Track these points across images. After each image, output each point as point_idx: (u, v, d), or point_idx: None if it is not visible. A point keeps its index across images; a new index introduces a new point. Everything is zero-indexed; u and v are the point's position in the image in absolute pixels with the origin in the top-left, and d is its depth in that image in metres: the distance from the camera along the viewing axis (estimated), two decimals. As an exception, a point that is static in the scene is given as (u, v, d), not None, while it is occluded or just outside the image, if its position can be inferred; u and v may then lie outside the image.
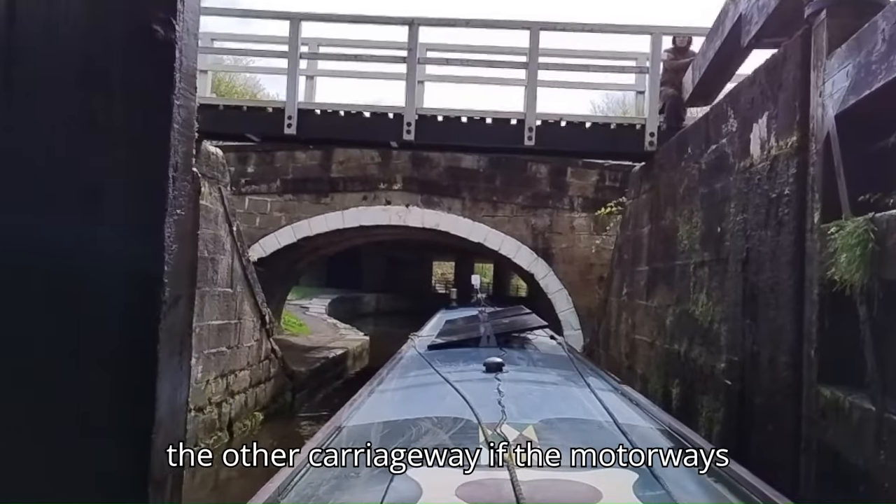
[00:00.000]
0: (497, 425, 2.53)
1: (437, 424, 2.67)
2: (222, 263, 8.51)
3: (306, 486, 2.20)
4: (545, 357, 4.72)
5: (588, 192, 13.81)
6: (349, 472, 2.22)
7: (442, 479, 2.06)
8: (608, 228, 12.67)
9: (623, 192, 13.29)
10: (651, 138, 7.09)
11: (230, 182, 14.32)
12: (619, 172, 13.80)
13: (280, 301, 17.63)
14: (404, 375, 4.07)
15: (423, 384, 3.65)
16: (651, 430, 2.89)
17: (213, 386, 8.39)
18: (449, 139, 7.44)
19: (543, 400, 3.22)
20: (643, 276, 7.38)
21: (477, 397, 2.94)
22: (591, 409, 3.06)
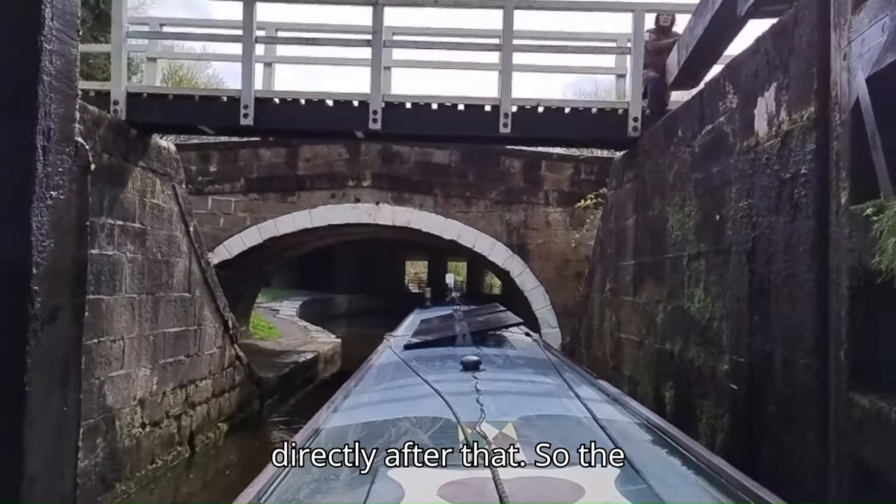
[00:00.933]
0: (476, 424, 2.47)
1: (416, 424, 2.62)
2: (178, 266, 7.79)
3: (287, 489, 2.12)
4: (522, 354, 4.62)
5: (563, 185, 13.32)
6: (330, 474, 2.18)
7: (423, 479, 2.01)
8: (586, 223, 12.19)
9: (599, 185, 12.83)
10: (634, 123, 6.57)
11: (190, 181, 13.58)
12: (595, 165, 13.36)
13: (248, 304, 16.85)
14: (381, 376, 3.95)
15: (401, 384, 3.58)
16: (630, 424, 2.82)
17: (170, 398, 7.67)
18: (419, 128, 6.82)
19: (522, 397, 3.16)
20: (629, 270, 6.86)
21: (455, 396, 2.88)
22: (569, 406, 2.99)
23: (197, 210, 13.44)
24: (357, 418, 2.93)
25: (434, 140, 7.46)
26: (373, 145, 13.44)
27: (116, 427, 6.55)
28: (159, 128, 7.09)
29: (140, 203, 6.88)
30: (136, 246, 6.79)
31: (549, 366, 4.10)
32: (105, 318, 6.25)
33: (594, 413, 2.77)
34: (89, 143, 5.99)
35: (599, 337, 8.06)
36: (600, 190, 9.09)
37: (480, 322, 5.66)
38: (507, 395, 3.15)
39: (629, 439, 2.49)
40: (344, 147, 13.50)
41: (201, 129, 7.10)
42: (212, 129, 7.02)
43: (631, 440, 2.50)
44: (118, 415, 6.57)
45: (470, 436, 2.34)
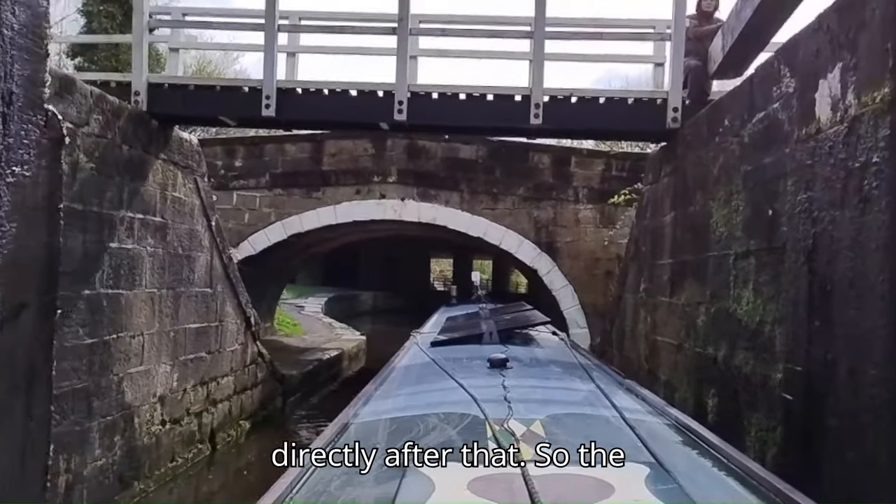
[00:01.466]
0: (504, 421, 2.45)
1: (444, 420, 2.60)
2: (200, 261, 7.59)
3: (316, 483, 2.13)
4: (549, 353, 4.59)
5: (594, 182, 12.92)
6: (359, 469, 2.16)
7: (453, 475, 2.00)
8: (620, 220, 11.77)
9: (631, 181, 12.45)
10: (674, 114, 6.18)
11: (214, 176, 13.45)
12: (627, 161, 12.94)
13: (273, 300, 16.72)
14: (408, 373, 3.95)
15: (428, 382, 3.57)
16: (659, 424, 2.79)
17: (191, 395, 7.48)
18: (446, 119, 6.51)
19: (549, 395, 3.14)
20: (666, 269, 6.48)
21: (483, 393, 2.87)
22: (597, 405, 2.97)
23: (222, 205, 13.33)
24: (385, 414, 2.91)
25: (461, 132, 7.14)
26: (398, 140, 13.19)
27: (135, 424, 6.36)
28: (180, 119, 6.88)
29: (161, 196, 6.68)
30: (156, 240, 6.59)
31: (576, 365, 4.04)
32: (124, 314, 6.05)
33: (622, 412, 2.73)
34: (109, 135, 5.82)
35: (633, 339, 7.68)
36: (635, 185, 8.70)
37: (507, 320, 5.57)
38: (534, 393, 3.12)
39: (658, 439, 2.46)
40: (369, 142, 13.26)
41: (223, 121, 6.87)
42: (233, 120, 6.79)
43: (660, 440, 2.46)
44: (137, 412, 6.38)
45: (498, 433, 2.32)
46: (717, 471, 2.24)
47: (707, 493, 1.98)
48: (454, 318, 6.88)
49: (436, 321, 7.04)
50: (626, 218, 12.76)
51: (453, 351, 4.40)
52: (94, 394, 5.63)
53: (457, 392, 3.05)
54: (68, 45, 15.62)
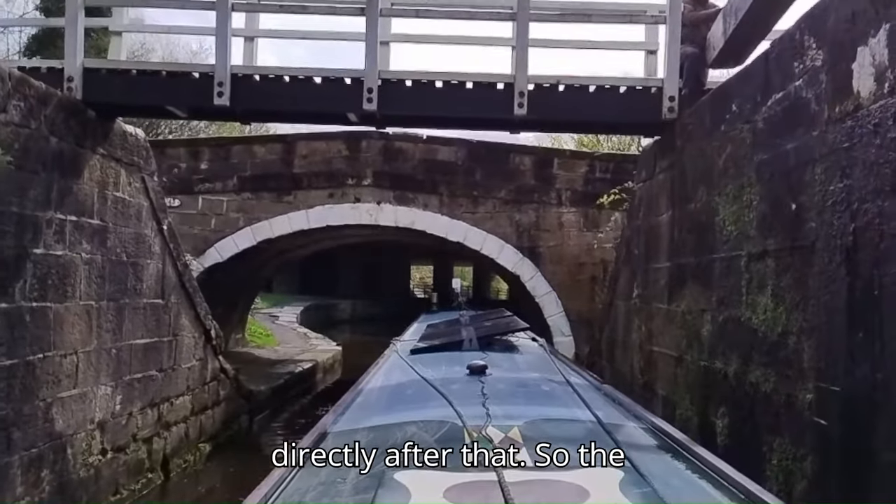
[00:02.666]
0: (482, 427, 2.47)
1: (422, 428, 2.62)
2: (149, 269, 6.83)
3: (293, 492, 2.10)
4: (528, 359, 4.62)
5: (577, 184, 12.33)
6: (336, 478, 2.16)
7: (429, 483, 2.02)
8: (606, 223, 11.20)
9: (616, 183, 11.81)
10: (670, 104, 5.58)
11: (179, 179, 12.67)
12: (612, 163, 12.39)
13: (244, 311, 15.91)
14: (388, 380, 3.94)
15: (407, 388, 3.57)
16: (635, 428, 2.80)
17: (138, 419, 6.71)
18: (421, 109, 5.85)
19: (528, 401, 3.17)
20: (663, 274, 5.87)
21: (461, 400, 2.89)
22: (574, 410, 2.98)
23: (186, 210, 12.57)
24: (363, 422, 2.90)
25: (438, 124, 6.48)
26: (374, 141, 12.51)
27: (68, 456, 5.59)
28: (122, 110, 6.14)
29: (99, 196, 5.93)
30: (93, 245, 5.84)
31: (554, 370, 4.04)
32: (53, 330, 5.30)
33: (599, 417, 2.75)
34: (33, 124, 5.07)
35: (625, 349, 7.06)
36: (626, 184, 8.11)
37: (487, 327, 5.57)
38: (513, 399, 3.12)
39: (634, 443, 2.48)
40: (343, 143, 12.57)
41: (171, 112, 6.14)
42: (182, 110, 6.06)
43: (636, 444, 2.48)
44: (70, 441, 5.61)
45: (476, 439, 2.33)
46: (691, 474, 2.24)
47: (681, 496, 1.99)
48: (435, 325, 6.84)
49: (416, 329, 6.99)
50: (612, 221, 12.26)
51: (433, 358, 4.37)
52: (15, 423, 4.86)
53: (435, 399, 3.04)
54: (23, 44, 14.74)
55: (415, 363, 4.11)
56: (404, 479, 2.06)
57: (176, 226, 12.72)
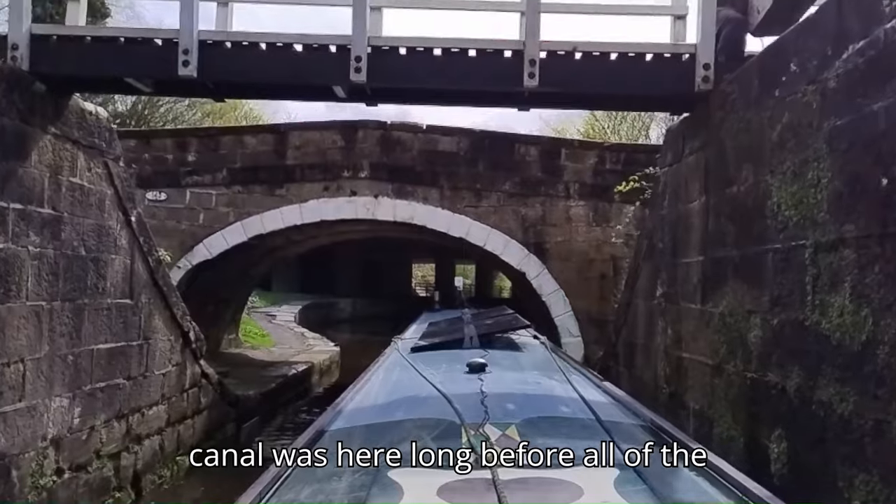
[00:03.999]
0: (480, 425, 2.43)
1: (420, 426, 2.59)
2: (114, 265, 6.05)
3: (289, 489, 2.11)
4: (528, 356, 4.54)
5: (586, 176, 11.54)
6: (332, 475, 2.17)
7: (424, 481, 2.00)
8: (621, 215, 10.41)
9: (627, 175, 11.05)
10: (705, 72, 4.78)
11: (165, 172, 11.90)
12: (622, 153, 11.60)
13: (236, 310, 15.14)
14: (387, 378, 3.89)
15: (407, 386, 3.52)
16: (634, 426, 2.76)
17: (102, 433, 5.94)
18: (416, 81, 5.05)
19: (526, 399, 3.09)
20: (694, 269, 5.07)
21: (460, 398, 2.84)
22: (573, 408, 2.94)
23: (173, 204, 11.80)
24: (361, 420, 2.89)
25: (437, 99, 5.68)
26: (371, 131, 11.74)
27: (13, 478, 4.81)
28: (76, 82, 5.35)
29: (51, 181, 5.15)
30: (44, 238, 5.06)
31: (555, 368, 3.97)
32: (-9, 334, 4.53)
33: (598, 415, 2.70)
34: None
35: (647, 355, 6.27)
36: (648, 169, 7.30)
37: (488, 325, 5.47)
38: (511, 396, 3.06)
39: (632, 441, 2.42)
40: (338, 133, 11.81)
41: (133, 87, 5.35)
42: (144, 83, 5.27)
43: (634, 442, 2.43)
44: (16, 462, 4.83)
45: (473, 437, 2.30)
46: (689, 472, 2.19)
47: (677, 494, 1.96)
48: (436, 323, 6.80)
49: (417, 327, 6.88)
50: (623, 215, 11.49)
51: (433, 356, 4.31)
52: (-61, 445, 4.10)
53: (434, 397, 3.00)
54: None
55: (415, 361, 4.02)
56: (398, 477, 2.04)
57: (162, 221, 12.05)
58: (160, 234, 11.74)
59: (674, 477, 2.17)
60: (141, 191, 11.72)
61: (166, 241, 11.70)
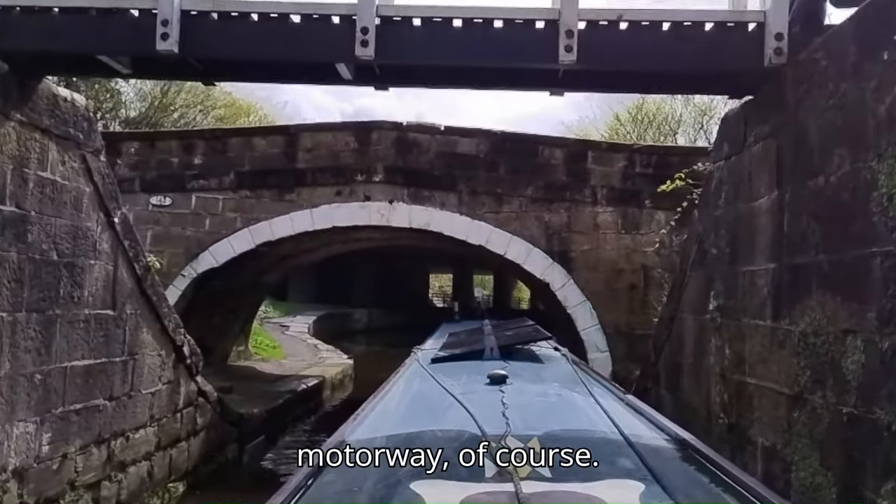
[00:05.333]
0: (502, 437, 2.40)
1: (441, 437, 2.60)
2: (93, 272, 5.33)
3: (309, 499, 2.09)
4: (549, 369, 4.47)
5: (614, 180, 10.71)
6: (352, 486, 2.15)
7: (445, 493, 1.98)
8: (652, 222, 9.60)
9: (658, 179, 10.21)
10: (777, 44, 3.96)
11: (170, 175, 11.25)
12: (654, 156, 10.76)
13: (246, 320, 14.44)
14: (408, 388, 3.85)
15: (427, 397, 3.49)
16: (658, 440, 2.67)
17: (77, 461, 5.20)
18: (433, 57, 4.28)
19: (548, 412, 3.09)
20: (763, 279, 4.23)
21: (481, 410, 2.79)
22: (596, 421, 2.86)
23: (178, 210, 11.13)
24: (382, 430, 2.85)
25: (456, 80, 4.87)
26: (386, 132, 11.01)
27: (-38, 519, 4.09)
28: (45, 64, 4.65)
29: (15, 175, 4.45)
30: (4, 239, 4.35)
31: (576, 380, 3.90)
32: (-66, 352, 3.81)
33: (621, 428, 2.63)
34: None
35: (695, 377, 5.41)
36: (696, 166, 6.43)
37: (509, 336, 5.41)
38: (533, 409, 3.02)
39: (656, 455, 2.37)
40: (352, 135, 11.09)
41: (108, 66, 4.63)
42: (121, 63, 4.56)
43: (658, 456, 2.37)
44: (-35, 500, 4.11)
45: (494, 450, 2.25)
46: (715, 487, 2.13)
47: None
48: (456, 333, 6.70)
49: (437, 337, 6.80)
50: (653, 222, 10.64)
51: (454, 367, 4.26)
52: None
53: (455, 408, 2.94)
54: None
55: (435, 372, 3.97)
56: (420, 489, 2.01)
57: (166, 227, 11.38)
58: (164, 240, 11.14)
59: (701, 493, 2.10)
60: (145, 195, 11.17)
61: (170, 248, 11.07)
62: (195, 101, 17.13)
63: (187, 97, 17.01)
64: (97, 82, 14.24)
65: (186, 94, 16.98)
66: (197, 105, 17.19)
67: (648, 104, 16.94)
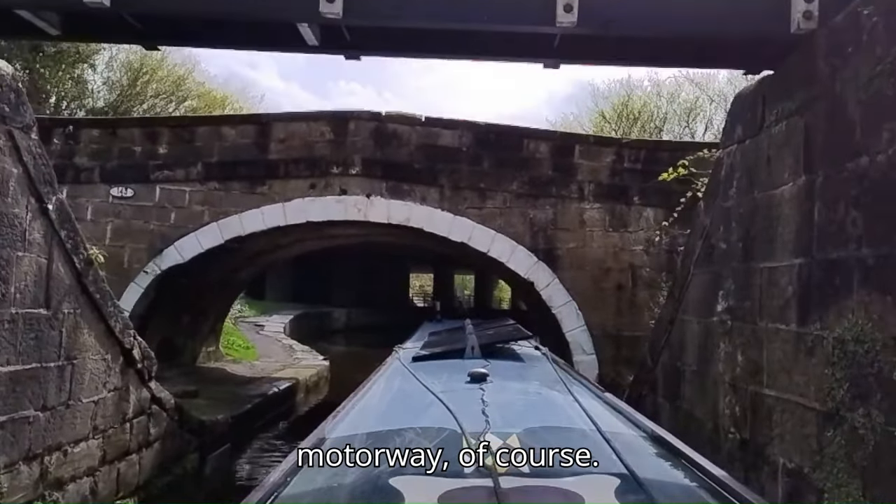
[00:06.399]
0: (481, 434, 2.39)
1: (420, 434, 2.57)
2: (21, 266, 4.63)
3: (288, 498, 2.08)
4: (529, 367, 4.48)
5: (602, 175, 10.21)
6: (332, 483, 2.14)
7: (425, 488, 1.99)
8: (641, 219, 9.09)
9: (647, 175, 9.90)
10: (807, 5, 3.41)
11: (133, 165, 10.51)
12: (643, 151, 10.28)
13: (217, 320, 13.69)
14: (389, 386, 3.82)
15: (408, 395, 3.47)
16: (635, 437, 2.69)
17: (2, 480, 4.49)
18: (410, 17, 3.65)
19: (527, 409, 3.10)
20: (786, 277, 3.67)
21: (461, 407, 2.78)
22: (574, 418, 2.87)
23: (141, 202, 10.38)
24: (362, 428, 2.82)
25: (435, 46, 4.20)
26: (364, 123, 10.38)
27: None
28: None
29: (-82, 150, 3.75)
30: None
31: (556, 379, 3.86)
32: None
33: (599, 426, 2.63)
34: None
35: (700, 385, 4.85)
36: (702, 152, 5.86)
37: (490, 335, 5.43)
38: (512, 406, 3.03)
39: (633, 451, 2.38)
40: (328, 125, 10.44)
41: (33, 27, 3.94)
42: (47, 19, 3.87)
43: (635, 452, 2.39)
44: None
45: (474, 446, 2.25)
46: (689, 482, 2.15)
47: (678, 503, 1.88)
48: (437, 332, 6.75)
49: (419, 336, 6.79)
50: (641, 219, 10.15)
51: (434, 366, 4.25)
52: None
53: (435, 406, 2.91)
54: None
55: (416, 370, 3.99)
56: (399, 484, 2.01)
57: (128, 220, 10.59)
58: (125, 234, 10.38)
59: (676, 488, 2.11)
60: (105, 186, 10.42)
61: (132, 242, 10.32)
62: (166, 90, 16.31)
63: (158, 87, 16.19)
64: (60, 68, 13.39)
65: (158, 84, 16.17)
66: (168, 95, 16.38)
67: (634, 101, 16.48)
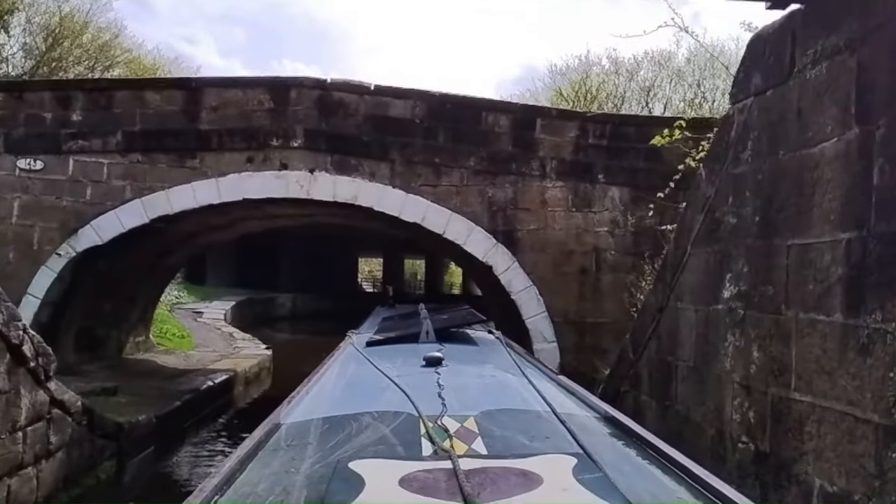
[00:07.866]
0: (438, 417, 2.38)
1: (377, 419, 2.48)
2: None
3: (245, 484, 2.01)
4: (484, 351, 4.55)
5: (565, 152, 9.45)
6: (290, 468, 2.09)
7: (384, 472, 1.95)
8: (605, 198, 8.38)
9: (613, 152, 9.30)
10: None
11: (43, 134, 9.17)
12: (608, 125, 9.54)
13: (147, 307, 12.41)
14: (343, 371, 3.77)
15: (363, 379, 3.45)
16: (588, 417, 2.72)
17: None
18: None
19: (483, 392, 3.06)
20: (830, 254, 2.93)
21: (417, 391, 2.77)
22: (529, 400, 2.90)
23: (52, 175, 9.03)
24: (318, 412, 2.75)
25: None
26: (306, 91, 9.33)
27: None
28: None
29: None
30: None
31: (510, 362, 3.92)
32: None
33: (553, 407, 2.67)
34: None
35: (699, 384, 4.12)
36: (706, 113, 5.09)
37: (444, 319, 5.45)
38: (468, 389, 3.00)
39: (587, 431, 2.42)
40: (266, 92, 9.35)
41: None
42: None
43: (589, 432, 2.42)
44: None
45: (431, 429, 2.25)
46: (642, 460, 2.18)
47: (632, 482, 1.92)
48: (391, 318, 6.73)
49: (372, 321, 6.75)
50: (606, 198, 9.48)
51: (389, 350, 4.21)
52: None
53: (391, 390, 2.89)
54: None
55: (371, 355, 3.92)
56: (358, 468, 1.98)
57: (37, 196, 9.19)
58: (34, 212, 9.02)
59: (629, 465, 2.10)
60: (10, 157, 9.06)
61: (42, 221, 9.02)
62: (89, 57, 14.70)
63: (81, 53, 14.57)
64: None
65: (80, 50, 14.54)
66: (92, 62, 14.75)
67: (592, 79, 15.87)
